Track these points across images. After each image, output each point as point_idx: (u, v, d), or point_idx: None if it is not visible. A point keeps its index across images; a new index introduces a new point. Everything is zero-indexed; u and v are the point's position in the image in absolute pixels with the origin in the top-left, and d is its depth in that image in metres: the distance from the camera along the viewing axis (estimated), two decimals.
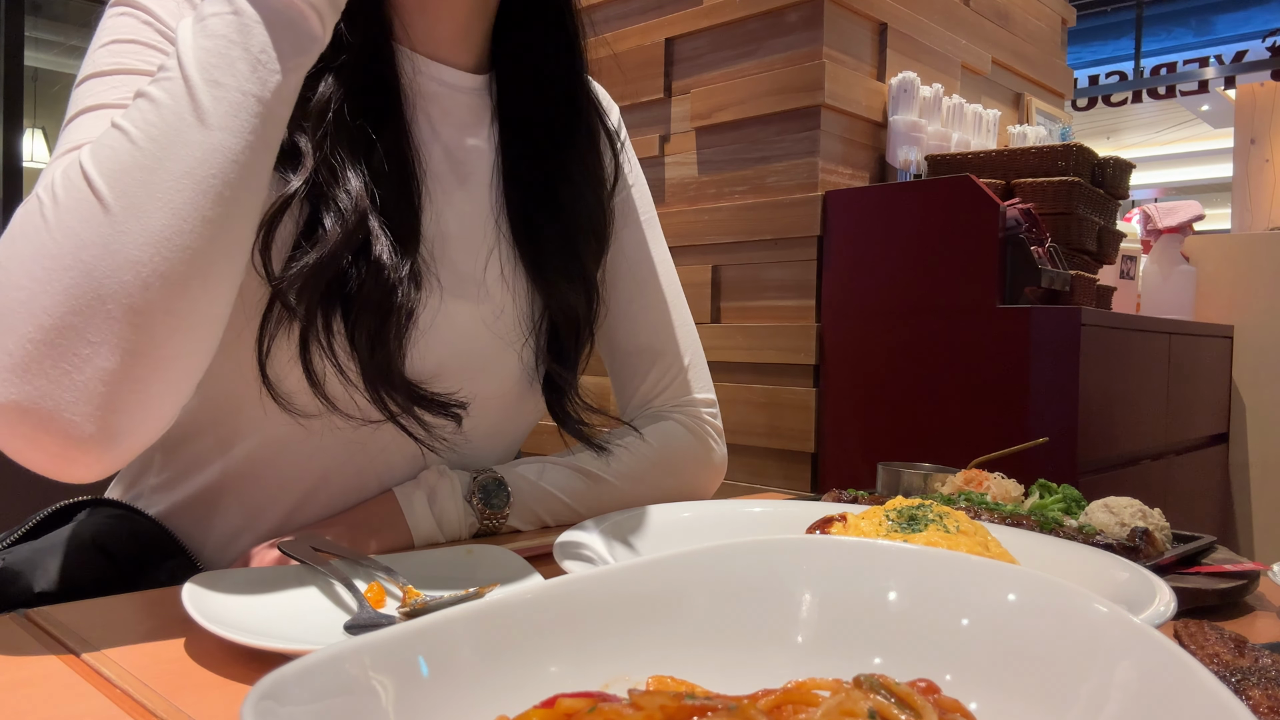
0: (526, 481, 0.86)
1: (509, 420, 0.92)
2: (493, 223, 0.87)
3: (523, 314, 0.87)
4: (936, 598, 0.40)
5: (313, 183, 0.72)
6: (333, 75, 0.74)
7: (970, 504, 0.82)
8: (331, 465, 0.82)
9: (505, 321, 0.86)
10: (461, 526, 0.82)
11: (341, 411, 0.75)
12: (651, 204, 1.04)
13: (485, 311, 0.84)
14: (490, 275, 0.85)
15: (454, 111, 0.86)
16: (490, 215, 0.87)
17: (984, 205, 1.81)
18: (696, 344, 1.03)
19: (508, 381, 0.87)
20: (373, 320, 0.73)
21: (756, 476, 2.11)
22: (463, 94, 0.87)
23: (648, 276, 0.99)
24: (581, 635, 0.39)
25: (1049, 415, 1.71)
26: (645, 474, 0.93)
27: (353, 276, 0.73)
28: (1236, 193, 4.48)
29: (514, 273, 0.87)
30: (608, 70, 2.64)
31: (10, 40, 4.30)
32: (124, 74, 0.69)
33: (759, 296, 2.11)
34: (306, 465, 0.81)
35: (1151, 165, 8.70)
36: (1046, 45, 2.81)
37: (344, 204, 0.72)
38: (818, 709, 0.32)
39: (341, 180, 0.73)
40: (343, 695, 0.32)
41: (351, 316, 0.73)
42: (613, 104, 1.03)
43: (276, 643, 0.50)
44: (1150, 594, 0.50)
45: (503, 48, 0.90)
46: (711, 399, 1.02)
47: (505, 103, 0.89)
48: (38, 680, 0.48)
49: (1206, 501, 2.50)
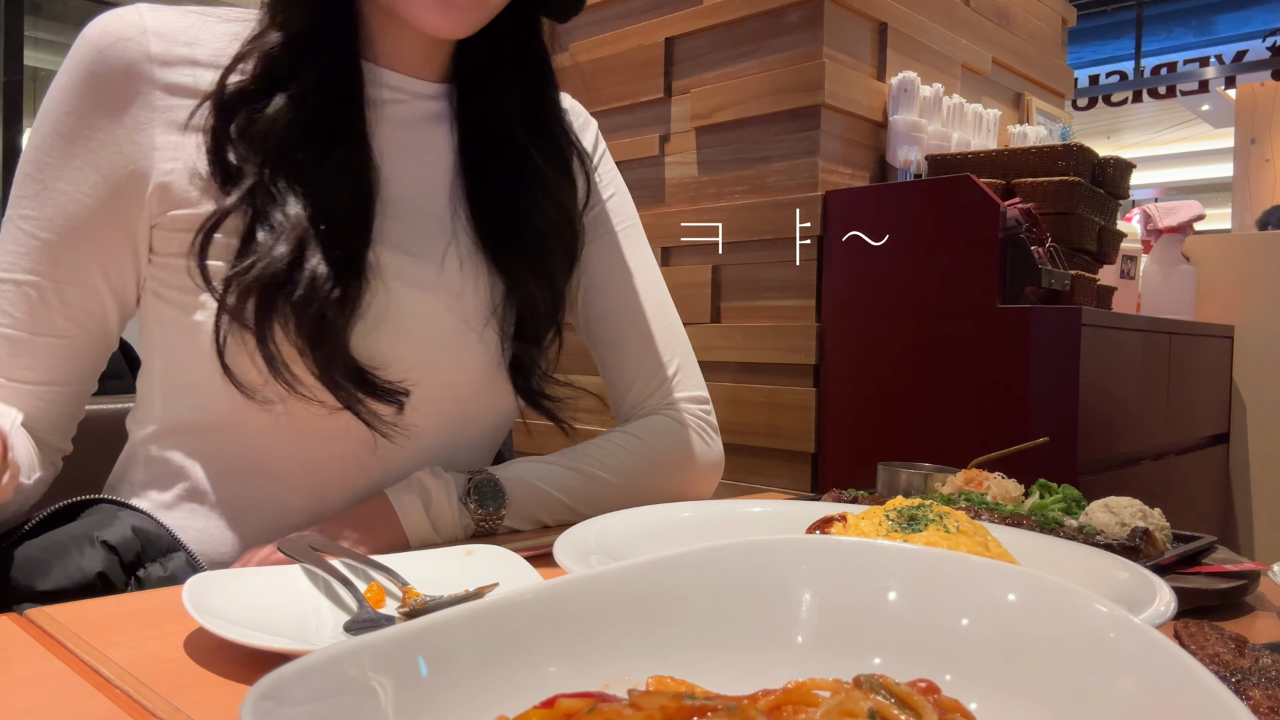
0: (522, 482, 0.86)
1: (482, 409, 0.92)
2: (450, 213, 0.88)
3: (483, 299, 0.88)
4: (936, 598, 0.40)
5: (253, 200, 0.76)
6: (286, 94, 0.78)
7: (970, 504, 0.82)
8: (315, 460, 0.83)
9: (465, 306, 0.87)
10: (456, 528, 0.82)
11: (304, 397, 0.78)
12: (633, 211, 1.05)
13: (445, 298, 0.85)
14: (449, 263, 0.86)
15: (413, 116, 0.88)
16: (448, 206, 0.88)
17: (984, 205, 1.81)
18: (685, 344, 1.04)
19: (473, 367, 0.88)
20: (312, 325, 0.76)
21: (756, 476, 2.11)
22: (420, 100, 0.89)
23: (630, 283, 1.00)
24: (581, 635, 0.39)
25: (1049, 415, 1.71)
26: (642, 472, 0.93)
27: (291, 287, 0.75)
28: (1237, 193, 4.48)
29: (474, 260, 0.88)
30: (608, 71, 2.64)
31: (10, 40, 4.30)
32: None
33: (759, 296, 2.11)
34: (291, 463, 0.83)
35: (1152, 165, 8.70)
36: (1047, 45, 2.81)
37: (279, 221, 0.76)
38: (818, 709, 0.32)
39: (280, 200, 0.76)
40: (342, 696, 0.32)
41: (290, 323, 0.76)
42: (589, 121, 1.05)
43: (276, 643, 0.50)
44: (1150, 594, 0.50)
45: (468, 60, 0.91)
46: (705, 396, 1.02)
47: (465, 111, 0.91)
48: (38, 680, 0.48)
49: (1206, 501, 2.50)
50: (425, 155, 0.89)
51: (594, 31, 2.43)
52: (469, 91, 0.91)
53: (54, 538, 0.73)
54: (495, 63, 0.90)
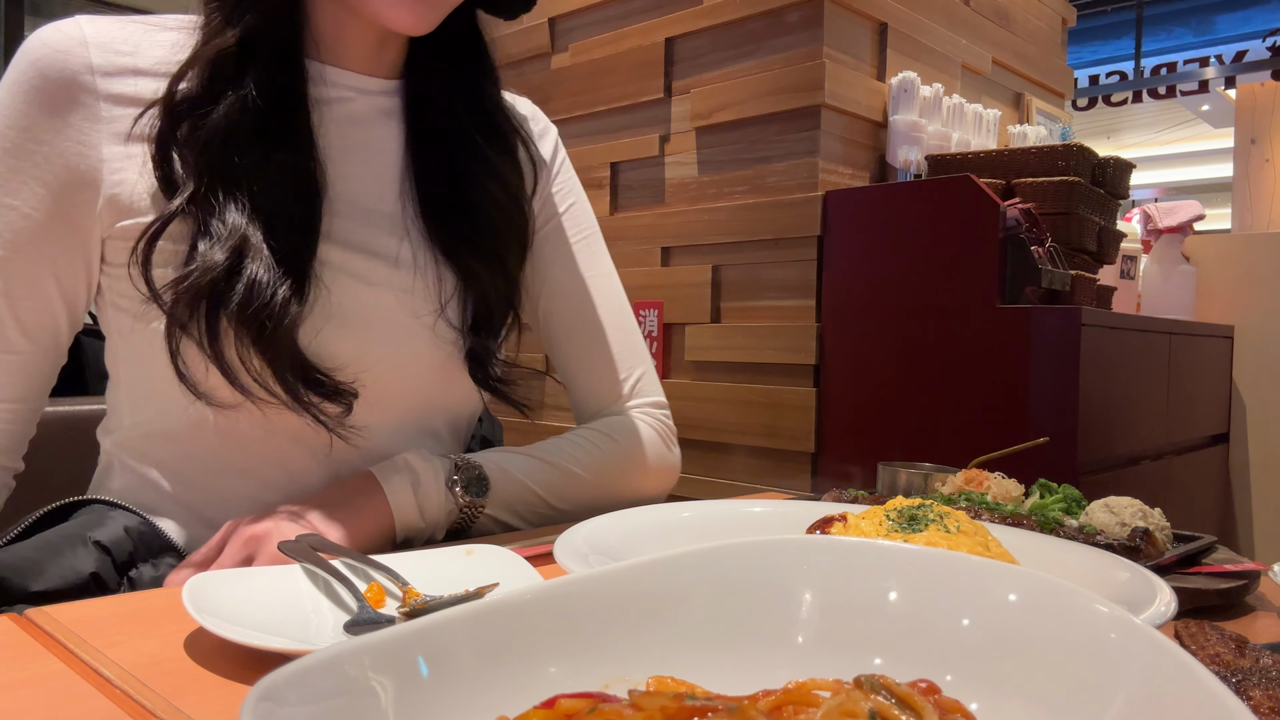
0: (501, 470, 0.87)
1: (442, 400, 0.92)
2: (400, 208, 0.89)
3: (435, 293, 0.88)
4: (937, 598, 0.40)
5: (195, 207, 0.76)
6: (230, 98, 0.77)
7: (970, 504, 0.82)
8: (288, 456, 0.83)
9: (418, 300, 0.87)
10: (440, 512, 0.82)
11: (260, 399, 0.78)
12: (593, 220, 1.06)
13: (397, 293, 0.86)
14: (402, 259, 0.87)
15: (362, 113, 0.89)
16: (398, 201, 0.89)
17: (984, 205, 1.81)
18: (645, 352, 1.06)
19: (429, 360, 0.88)
20: (254, 329, 0.76)
21: (756, 476, 2.11)
22: (369, 96, 0.89)
23: (591, 293, 1.01)
24: (581, 635, 0.39)
25: (1049, 415, 1.71)
26: (614, 470, 0.95)
27: (231, 294, 0.75)
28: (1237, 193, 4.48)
29: (425, 254, 0.88)
30: (608, 71, 2.64)
31: (10, 40, 4.30)
32: None
33: (759, 296, 2.11)
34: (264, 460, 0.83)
35: (1151, 165, 8.70)
36: (1047, 45, 2.81)
37: (218, 229, 0.76)
38: (818, 709, 0.32)
39: (221, 206, 0.77)
40: (342, 696, 0.32)
41: (233, 329, 0.76)
42: (549, 127, 1.06)
43: (276, 643, 0.50)
44: (1151, 594, 0.50)
45: (415, 57, 0.92)
46: (665, 402, 1.05)
47: (413, 106, 0.91)
48: (37, 680, 0.48)
49: (1207, 501, 2.50)
50: (375, 152, 0.89)
51: (594, 31, 2.43)
52: (417, 86, 0.92)
53: (46, 538, 0.73)
54: (442, 57, 0.91)
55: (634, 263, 2.29)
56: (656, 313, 2.25)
